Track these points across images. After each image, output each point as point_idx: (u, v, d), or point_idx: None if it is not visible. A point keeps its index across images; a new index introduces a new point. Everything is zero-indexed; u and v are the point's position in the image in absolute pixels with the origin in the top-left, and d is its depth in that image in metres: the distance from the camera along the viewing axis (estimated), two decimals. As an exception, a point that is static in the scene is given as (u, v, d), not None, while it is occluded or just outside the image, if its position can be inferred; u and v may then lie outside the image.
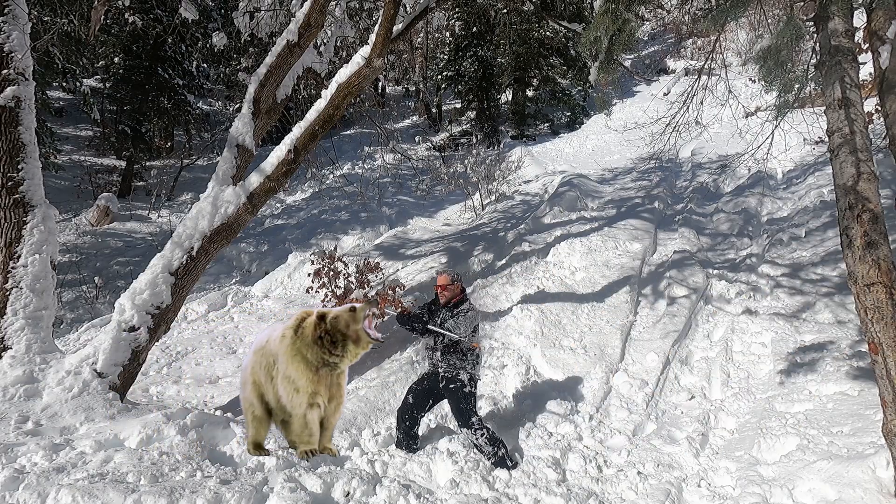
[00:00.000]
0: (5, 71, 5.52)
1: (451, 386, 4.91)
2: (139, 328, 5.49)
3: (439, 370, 4.97)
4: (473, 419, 4.82)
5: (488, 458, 4.70)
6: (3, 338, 5.31)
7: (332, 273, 6.84)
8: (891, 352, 3.68)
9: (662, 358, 6.39)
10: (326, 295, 6.80)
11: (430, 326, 4.90)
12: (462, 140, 20.32)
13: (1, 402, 4.88)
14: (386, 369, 6.51)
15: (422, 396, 5.05)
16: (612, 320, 7.20)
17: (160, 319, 5.64)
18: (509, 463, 4.69)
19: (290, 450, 4.65)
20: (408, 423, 4.99)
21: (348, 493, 4.06)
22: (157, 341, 6.05)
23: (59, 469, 3.89)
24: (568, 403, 5.71)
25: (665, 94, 18.29)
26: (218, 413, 5.47)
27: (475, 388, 5.01)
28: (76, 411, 4.91)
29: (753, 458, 4.65)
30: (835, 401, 5.17)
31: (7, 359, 5.21)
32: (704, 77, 6.34)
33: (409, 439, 4.99)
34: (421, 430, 5.28)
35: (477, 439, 4.75)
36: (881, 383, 3.79)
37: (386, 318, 7.01)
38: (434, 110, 23.98)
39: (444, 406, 5.76)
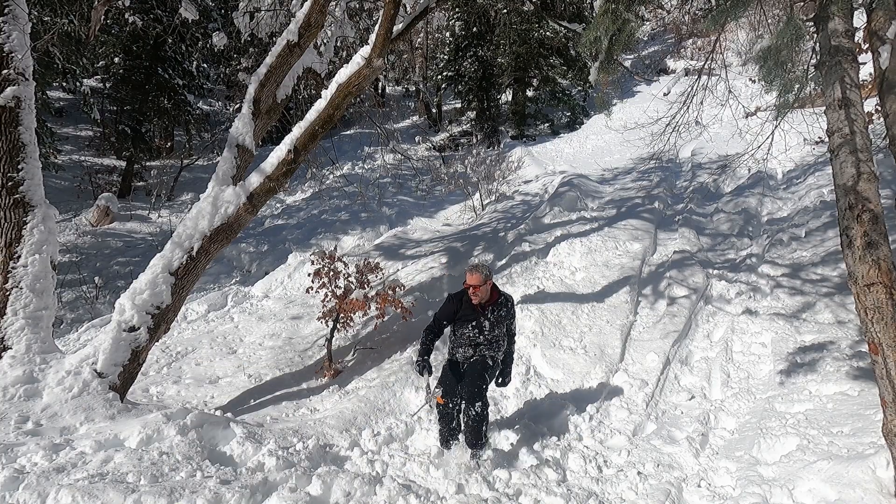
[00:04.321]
0: (5, 71, 5.53)
1: (478, 363, 4.86)
2: (139, 328, 5.49)
3: (470, 359, 4.90)
4: (480, 390, 4.71)
5: (468, 435, 4.66)
6: (3, 338, 5.31)
7: (332, 273, 6.83)
8: (891, 352, 3.67)
9: (662, 358, 6.39)
10: (326, 295, 6.80)
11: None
12: (462, 140, 20.34)
13: (1, 402, 4.88)
14: (386, 369, 6.52)
15: (451, 388, 4.92)
16: (612, 320, 7.20)
17: (160, 319, 5.64)
18: (480, 451, 4.68)
19: (291, 449, 4.67)
20: (448, 420, 4.89)
21: (348, 494, 4.06)
22: (157, 341, 6.05)
23: (59, 469, 3.89)
24: (568, 403, 5.72)
25: (665, 94, 18.28)
26: (218, 413, 5.48)
27: (494, 369, 4.98)
28: (76, 411, 4.92)
29: (753, 458, 4.65)
30: (835, 401, 5.17)
31: (7, 359, 5.21)
32: (704, 77, 6.34)
33: (451, 434, 4.90)
34: (421, 433, 5.29)
35: (473, 407, 4.64)
36: (881, 383, 3.78)
37: (386, 318, 7.02)
38: (434, 110, 23.98)
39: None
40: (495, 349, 4.97)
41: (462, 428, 4.79)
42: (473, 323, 4.88)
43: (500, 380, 5.12)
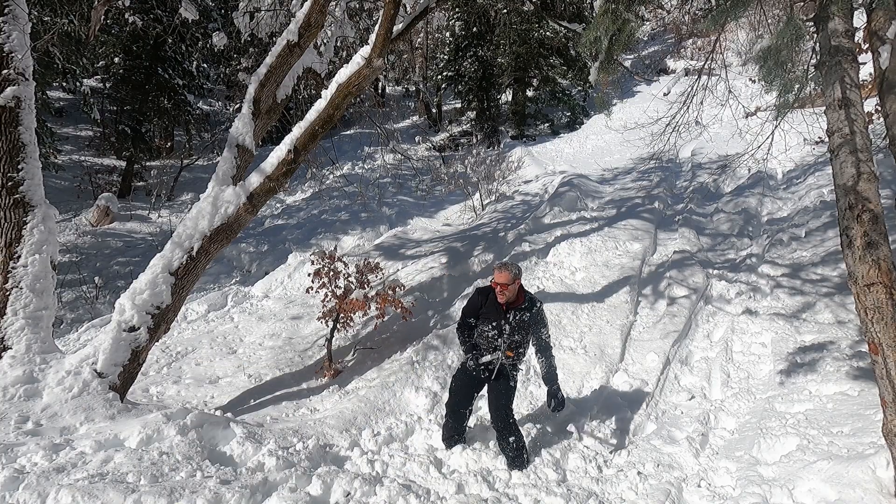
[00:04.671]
0: (5, 71, 5.52)
1: (498, 378, 4.72)
2: (139, 328, 5.49)
3: (489, 365, 4.74)
4: (511, 419, 4.68)
5: (511, 463, 4.60)
6: (3, 338, 5.31)
7: (332, 273, 6.83)
8: (891, 352, 3.67)
9: (662, 358, 6.39)
10: (326, 295, 6.80)
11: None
12: (462, 140, 20.35)
13: (1, 402, 4.88)
14: (386, 369, 6.51)
15: (466, 391, 4.85)
16: (612, 320, 7.20)
17: (160, 319, 5.64)
18: (526, 468, 4.65)
19: (291, 449, 4.67)
20: (455, 420, 4.85)
21: (348, 494, 4.05)
22: (157, 341, 6.05)
23: (59, 469, 3.89)
24: (568, 403, 5.71)
25: (665, 94, 18.28)
26: (218, 413, 5.48)
27: (516, 384, 4.88)
28: (76, 411, 4.92)
29: (753, 458, 4.65)
30: (835, 401, 5.17)
31: (7, 359, 5.21)
32: (704, 77, 6.34)
33: (457, 433, 4.88)
34: (421, 433, 5.28)
35: (509, 441, 4.60)
36: (881, 383, 3.78)
37: (386, 318, 7.02)
38: (434, 110, 23.99)
39: (444, 407, 5.76)
40: (515, 356, 4.80)
41: (501, 453, 4.71)
42: (494, 323, 4.75)
43: (552, 403, 4.77)
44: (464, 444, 4.91)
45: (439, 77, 21.79)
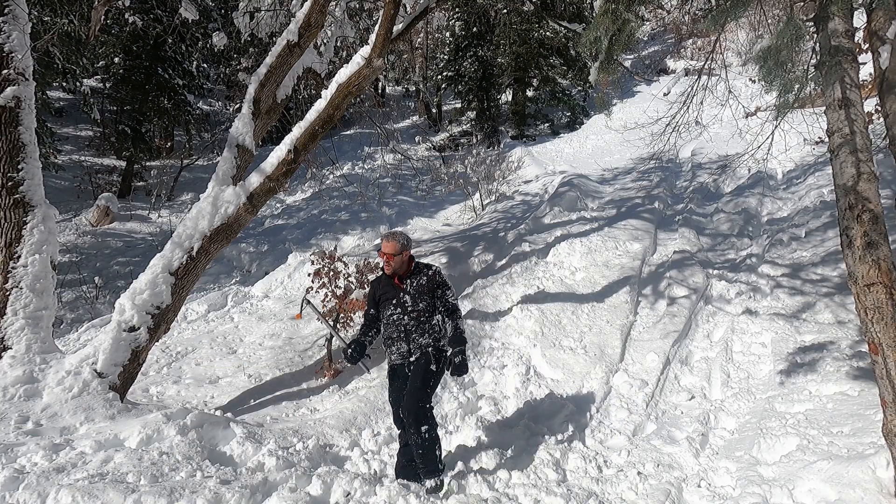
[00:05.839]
0: (5, 71, 5.53)
1: (417, 363, 4.35)
2: (139, 328, 5.49)
3: (408, 357, 4.43)
4: (423, 404, 4.22)
5: (422, 463, 4.20)
6: (3, 338, 5.31)
7: (332, 273, 6.84)
8: (891, 352, 3.67)
9: (662, 358, 6.39)
10: (326, 295, 6.80)
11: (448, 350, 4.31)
12: (462, 140, 20.34)
13: (1, 402, 4.88)
14: (386, 369, 6.51)
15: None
16: (612, 320, 7.20)
17: (160, 319, 5.64)
18: (438, 481, 4.20)
19: (291, 449, 4.67)
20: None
21: (348, 494, 4.05)
22: (157, 341, 6.05)
23: (59, 469, 3.89)
24: (568, 403, 5.72)
25: (665, 94, 18.27)
26: (218, 413, 5.48)
27: (439, 374, 4.38)
28: (76, 411, 4.92)
29: (753, 458, 4.65)
30: (835, 401, 5.17)
31: (7, 359, 5.21)
32: (704, 77, 6.34)
33: (414, 469, 4.34)
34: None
35: (420, 431, 4.16)
36: (881, 383, 3.78)
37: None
38: (434, 110, 23.98)
39: (444, 407, 5.76)
40: (429, 333, 4.39)
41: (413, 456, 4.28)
42: (394, 301, 4.44)
43: (450, 366, 4.32)
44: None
45: (439, 77, 21.79)
